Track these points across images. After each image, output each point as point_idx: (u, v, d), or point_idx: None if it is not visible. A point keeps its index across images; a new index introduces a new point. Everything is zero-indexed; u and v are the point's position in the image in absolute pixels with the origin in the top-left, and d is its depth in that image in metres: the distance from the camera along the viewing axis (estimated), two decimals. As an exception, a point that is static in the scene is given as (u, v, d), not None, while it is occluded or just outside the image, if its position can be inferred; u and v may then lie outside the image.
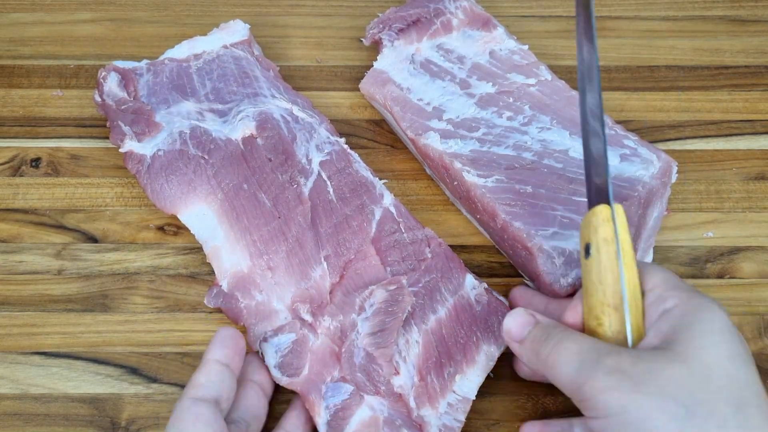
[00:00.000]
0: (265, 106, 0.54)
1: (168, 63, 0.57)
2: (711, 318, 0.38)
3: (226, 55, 0.58)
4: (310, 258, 0.49)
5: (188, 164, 0.52)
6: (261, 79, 0.57)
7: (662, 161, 0.50)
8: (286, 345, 0.46)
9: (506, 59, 0.57)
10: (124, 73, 0.56)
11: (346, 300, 0.47)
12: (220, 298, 0.49)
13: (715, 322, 0.38)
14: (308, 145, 0.53)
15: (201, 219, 0.51)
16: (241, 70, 0.57)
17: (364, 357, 0.45)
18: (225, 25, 0.59)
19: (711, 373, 0.36)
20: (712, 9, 0.65)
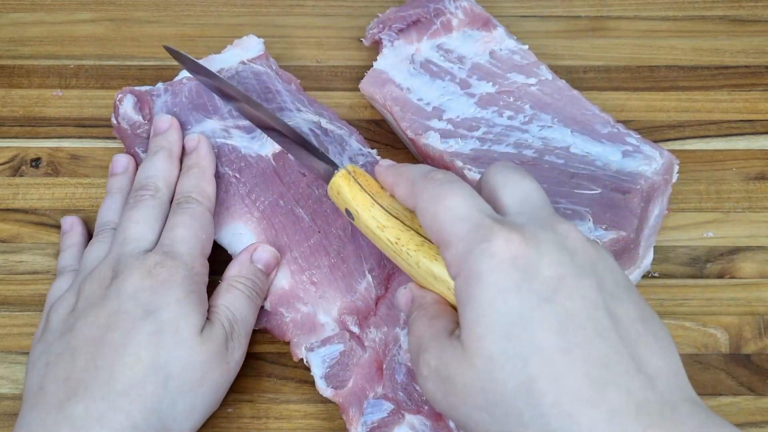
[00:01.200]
0: (292, 121, 0.53)
1: (186, 82, 0.55)
2: (481, 290, 0.33)
3: (246, 71, 0.56)
4: (354, 271, 0.48)
5: (219, 185, 0.51)
6: (284, 93, 0.55)
7: (665, 158, 0.50)
8: (334, 356, 0.46)
9: (506, 59, 0.57)
10: (139, 96, 0.54)
11: (390, 313, 0.47)
12: (264, 318, 0.48)
13: (485, 295, 0.33)
14: (341, 158, 0.52)
15: (238, 238, 0.50)
16: (263, 86, 0.56)
17: (406, 374, 0.44)
18: (239, 41, 0.58)
19: (493, 365, 0.33)
20: (712, 9, 0.65)
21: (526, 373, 0.32)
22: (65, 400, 0.40)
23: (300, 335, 0.47)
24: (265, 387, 0.48)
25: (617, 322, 0.33)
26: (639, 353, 0.33)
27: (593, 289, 0.34)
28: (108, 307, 0.42)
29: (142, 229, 0.46)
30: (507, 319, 0.33)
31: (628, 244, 0.47)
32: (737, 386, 0.48)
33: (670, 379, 0.33)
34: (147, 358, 0.41)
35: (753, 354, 0.49)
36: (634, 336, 0.33)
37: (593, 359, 0.32)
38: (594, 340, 0.32)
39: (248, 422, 0.47)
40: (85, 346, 0.41)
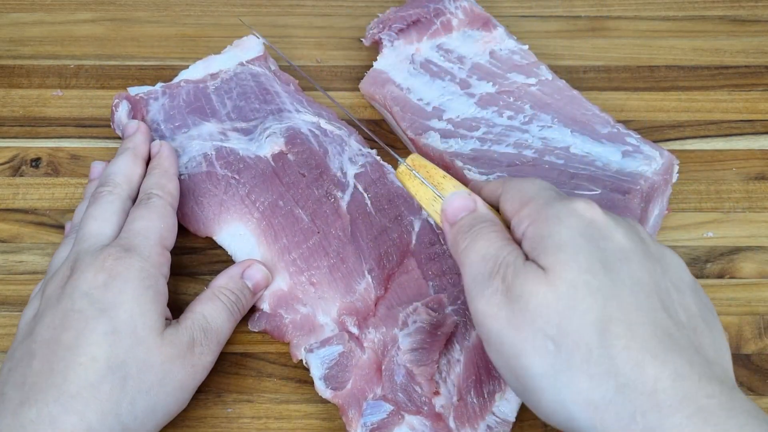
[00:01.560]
0: (291, 122, 0.53)
1: (184, 85, 0.56)
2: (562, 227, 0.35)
3: (244, 73, 0.56)
4: (353, 272, 0.48)
5: (218, 185, 0.51)
6: (282, 94, 0.55)
7: (665, 158, 0.50)
8: (333, 357, 0.46)
9: (506, 59, 0.57)
10: (133, 103, 0.54)
11: (389, 314, 0.47)
12: (264, 320, 0.48)
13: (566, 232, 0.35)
14: (341, 158, 0.52)
15: (238, 239, 0.50)
16: (261, 87, 0.56)
17: (405, 375, 0.44)
18: (239, 41, 0.58)
19: (576, 293, 0.33)
20: (712, 9, 0.65)
21: (606, 311, 0.33)
22: (19, 405, 0.39)
23: (299, 336, 0.47)
24: (265, 387, 0.48)
25: (678, 309, 0.35)
26: (698, 339, 0.34)
27: (659, 273, 0.35)
28: (62, 307, 0.42)
29: (100, 224, 0.46)
30: (590, 257, 0.34)
31: (628, 244, 0.47)
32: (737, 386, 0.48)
33: (724, 366, 0.34)
34: (103, 358, 0.40)
35: (753, 354, 0.49)
36: (692, 326, 0.35)
37: (660, 325, 0.33)
38: (659, 311, 0.34)
39: (248, 422, 0.47)
40: (41, 349, 0.41)
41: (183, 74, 0.57)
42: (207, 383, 0.47)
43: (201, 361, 0.44)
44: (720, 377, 0.33)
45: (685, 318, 0.35)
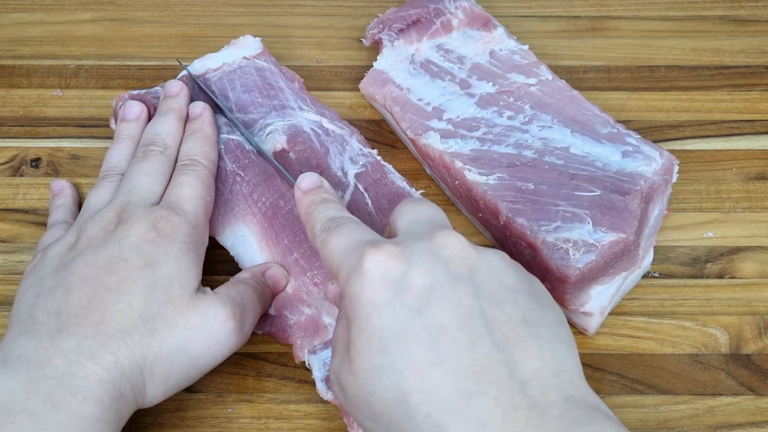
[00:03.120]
0: (293, 119, 0.53)
1: (185, 81, 0.56)
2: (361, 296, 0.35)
3: (248, 66, 0.56)
4: None
5: (225, 183, 0.51)
6: (286, 90, 0.55)
7: (664, 158, 0.50)
8: None
9: (506, 59, 0.57)
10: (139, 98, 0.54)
11: None
12: (269, 323, 0.48)
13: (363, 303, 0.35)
14: (342, 158, 0.52)
15: (240, 241, 0.50)
16: (265, 81, 0.55)
17: None
18: (236, 41, 0.58)
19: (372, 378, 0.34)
20: (712, 9, 0.65)
21: (401, 387, 0.33)
22: (56, 332, 0.40)
23: (303, 338, 0.47)
24: (265, 387, 0.48)
25: (494, 327, 0.34)
26: (515, 358, 0.33)
27: (468, 296, 0.34)
28: (108, 251, 0.43)
29: (151, 181, 0.47)
30: (382, 335, 0.34)
31: (627, 245, 0.47)
32: (737, 386, 0.48)
33: (547, 381, 0.33)
34: (138, 308, 0.42)
35: (753, 354, 0.49)
36: (513, 340, 0.33)
37: (463, 370, 0.32)
38: (465, 350, 0.33)
39: (248, 422, 0.47)
40: (79, 284, 0.42)
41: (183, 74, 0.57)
42: (207, 383, 0.48)
43: (226, 341, 0.44)
44: (534, 398, 0.32)
45: (504, 333, 0.34)
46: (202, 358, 0.43)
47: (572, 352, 0.35)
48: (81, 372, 0.40)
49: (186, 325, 0.43)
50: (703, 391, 0.48)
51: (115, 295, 0.42)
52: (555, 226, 0.47)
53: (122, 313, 0.41)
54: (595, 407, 0.32)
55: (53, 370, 0.39)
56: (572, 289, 0.47)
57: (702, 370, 0.48)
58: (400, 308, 0.34)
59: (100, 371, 0.40)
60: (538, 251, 0.47)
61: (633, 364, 0.48)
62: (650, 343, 0.49)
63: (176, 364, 0.42)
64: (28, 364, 0.39)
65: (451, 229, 0.37)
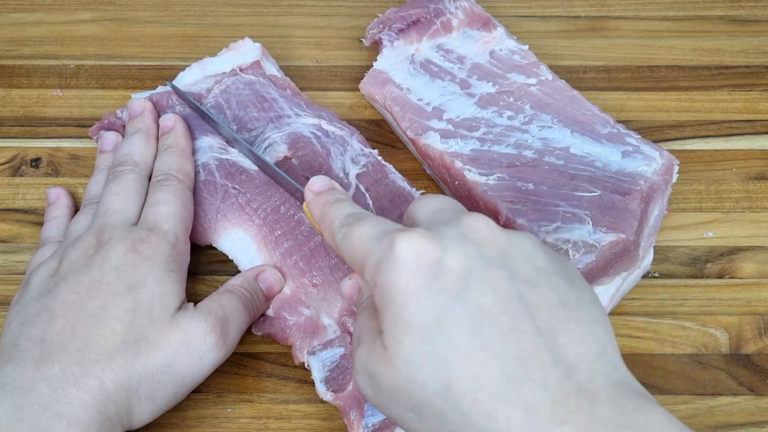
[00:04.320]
0: (290, 127, 0.53)
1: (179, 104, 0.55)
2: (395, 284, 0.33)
3: (238, 82, 0.56)
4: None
5: (215, 194, 0.51)
6: (279, 99, 0.55)
7: (665, 158, 0.50)
8: (334, 359, 0.46)
9: (506, 59, 0.57)
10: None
11: None
12: (267, 324, 0.48)
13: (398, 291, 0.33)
14: (343, 159, 0.52)
15: (238, 245, 0.50)
16: (257, 95, 0.55)
17: None
18: (234, 45, 0.58)
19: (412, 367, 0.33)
20: (712, 9, 0.65)
21: (445, 374, 0.32)
22: (41, 359, 0.41)
23: (303, 339, 0.47)
24: (265, 387, 0.48)
25: (534, 311, 0.33)
26: (558, 342, 0.32)
27: (504, 280, 0.33)
28: (90, 276, 0.43)
29: (123, 200, 0.47)
30: (421, 321, 0.33)
31: (627, 245, 0.47)
32: (737, 386, 0.48)
33: (592, 365, 0.32)
34: (121, 333, 0.42)
35: (753, 354, 0.49)
36: (554, 324, 0.33)
37: (508, 355, 0.32)
38: (508, 334, 0.32)
39: (248, 422, 0.47)
40: (62, 310, 0.42)
41: (180, 77, 0.57)
42: (207, 383, 0.47)
43: (209, 356, 0.44)
44: (581, 383, 0.32)
45: (544, 317, 0.33)
46: (187, 374, 0.43)
47: (610, 333, 0.34)
48: (65, 398, 0.40)
49: (169, 344, 0.43)
50: (703, 391, 0.48)
51: (98, 320, 0.42)
52: (555, 227, 0.47)
53: (105, 337, 0.42)
54: (640, 392, 0.32)
55: (38, 397, 0.39)
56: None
57: (702, 370, 0.48)
58: (438, 293, 0.33)
59: (85, 396, 0.40)
60: (538, 251, 0.47)
61: (633, 364, 0.48)
62: (650, 343, 0.49)
63: (161, 383, 0.43)
64: (13, 392, 0.39)
65: (477, 213, 0.36)
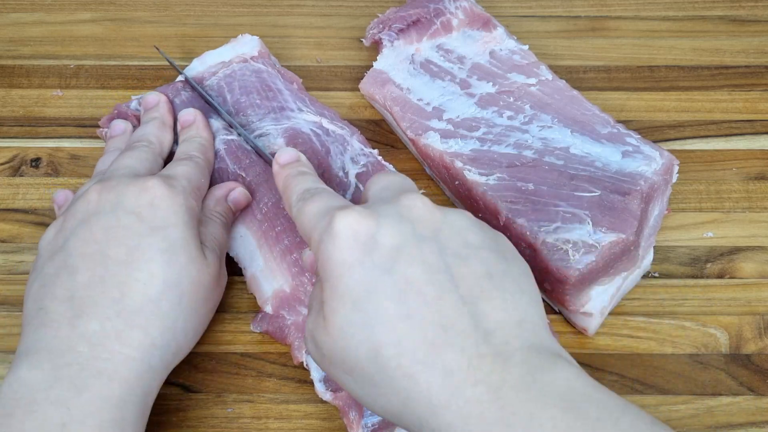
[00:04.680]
0: (290, 122, 0.53)
1: (181, 86, 0.55)
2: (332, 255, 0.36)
3: (245, 69, 0.56)
4: None
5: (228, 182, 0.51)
6: (285, 92, 0.55)
7: (665, 158, 0.50)
8: None
9: (506, 59, 0.57)
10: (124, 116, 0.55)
11: None
12: (266, 322, 0.48)
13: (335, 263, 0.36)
14: (343, 158, 0.52)
15: (239, 242, 0.50)
16: (264, 83, 0.55)
17: None
18: (235, 40, 0.58)
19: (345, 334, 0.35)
20: (712, 9, 0.65)
21: (373, 341, 0.34)
22: (74, 318, 0.40)
23: (301, 338, 0.47)
24: (265, 387, 0.48)
25: (459, 282, 0.35)
26: (479, 310, 0.34)
27: (434, 254, 0.35)
28: (103, 223, 0.42)
29: (134, 162, 0.47)
30: (354, 292, 0.35)
31: (627, 245, 0.47)
32: (737, 386, 0.48)
33: (509, 330, 0.34)
34: (160, 275, 0.42)
35: (753, 354, 0.49)
36: (477, 293, 0.35)
37: (430, 322, 0.34)
38: (432, 303, 0.34)
39: (248, 422, 0.47)
40: (83, 263, 0.41)
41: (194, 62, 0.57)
42: (207, 383, 0.48)
43: (222, 282, 0.47)
44: (497, 346, 0.33)
45: (468, 287, 0.35)
46: (216, 302, 0.47)
47: (535, 303, 0.36)
48: (106, 354, 0.39)
49: (209, 279, 0.44)
50: (703, 391, 0.48)
51: (130, 265, 0.41)
52: (555, 227, 0.47)
53: (143, 282, 0.41)
54: (557, 353, 0.34)
55: (77, 356, 0.39)
56: (572, 290, 0.47)
57: (702, 370, 0.48)
58: (371, 267, 0.35)
59: (128, 350, 0.40)
60: (538, 252, 0.47)
61: (633, 364, 0.48)
62: (650, 343, 0.49)
63: (204, 315, 0.45)
64: (50, 354, 0.39)
65: (416, 192, 0.38)
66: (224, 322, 0.50)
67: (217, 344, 0.49)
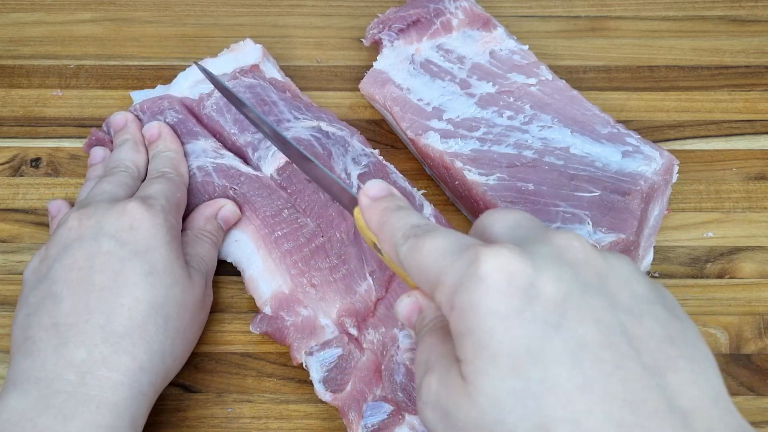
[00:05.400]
0: (290, 132, 0.52)
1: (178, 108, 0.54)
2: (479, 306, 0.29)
3: (238, 86, 0.55)
4: (354, 273, 0.48)
5: (213, 194, 0.51)
6: (279, 103, 0.55)
7: (665, 158, 0.50)
8: (332, 360, 0.46)
9: (506, 59, 0.57)
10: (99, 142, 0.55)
11: (388, 314, 0.47)
12: (265, 323, 0.48)
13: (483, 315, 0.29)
14: (345, 159, 0.52)
15: (235, 246, 0.50)
16: (258, 98, 0.55)
17: (405, 375, 0.44)
18: (235, 46, 0.58)
19: (501, 405, 0.28)
20: (712, 9, 0.65)
21: (541, 416, 0.28)
22: (60, 345, 0.40)
23: (300, 339, 0.47)
24: (265, 387, 0.48)
25: (640, 347, 0.29)
26: (669, 384, 0.28)
27: (605, 309, 0.29)
28: (85, 249, 0.42)
29: (112, 188, 0.47)
30: (512, 352, 0.29)
31: (627, 245, 0.47)
32: (737, 386, 0.48)
33: (709, 411, 0.28)
34: (145, 299, 0.41)
35: (753, 354, 0.49)
36: (662, 362, 0.29)
37: (615, 397, 0.28)
38: (614, 373, 0.28)
39: (248, 422, 0.47)
40: (68, 290, 0.41)
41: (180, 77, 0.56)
42: (207, 383, 0.48)
43: (207, 303, 0.47)
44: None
45: (650, 353, 0.29)
46: (202, 322, 0.46)
47: (718, 372, 0.30)
48: (94, 381, 0.39)
49: (194, 300, 0.44)
50: (703, 391, 0.47)
51: (114, 290, 0.41)
52: (555, 227, 0.47)
53: (128, 308, 0.41)
54: None
55: (64, 384, 0.39)
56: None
57: (702, 370, 0.48)
58: (533, 321, 0.29)
59: (116, 376, 0.39)
60: (538, 251, 0.47)
61: (633, 364, 0.48)
62: (650, 343, 0.49)
63: (190, 336, 0.44)
64: (38, 383, 0.39)
65: (568, 231, 0.32)
66: (224, 322, 0.50)
67: (217, 344, 0.49)
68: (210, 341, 0.49)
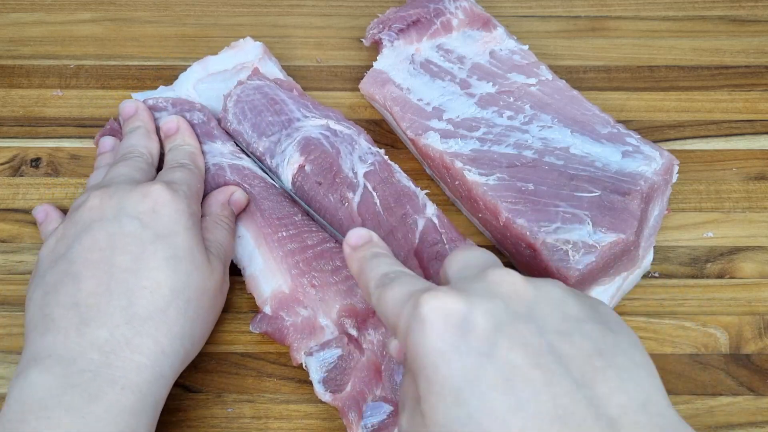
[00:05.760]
0: (300, 132, 0.53)
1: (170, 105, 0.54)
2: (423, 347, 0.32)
3: (246, 89, 0.55)
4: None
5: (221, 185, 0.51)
6: (288, 101, 0.55)
7: (665, 158, 0.50)
8: (331, 360, 0.46)
9: (506, 59, 0.57)
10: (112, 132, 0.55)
11: None
12: (265, 322, 0.48)
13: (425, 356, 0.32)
14: (352, 157, 0.52)
15: (237, 242, 0.50)
16: (268, 98, 0.55)
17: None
18: (236, 44, 0.58)
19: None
20: (712, 9, 0.65)
21: None
22: (82, 325, 0.40)
23: (300, 339, 0.47)
24: (266, 387, 0.48)
25: (569, 363, 0.31)
26: (597, 394, 0.30)
27: (533, 333, 0.32)
28: (107, 229, 0.42)
29: (130, 171, 0.47)
30: (453, 383, 0.31)
31: (627, 246, 0.47)
32: (737, 386, 0.48)
33: (636, 416, 0.30)
34: (166, 283, 0.42)
35: (753, 354, 0.49)
36: (590, 374, 0.31)
37: (546, 413, 0.30)
38: (544, 390, 0.30)
39: (248, 422, 0.47)
40: (88, 270, 0.41)
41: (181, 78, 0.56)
42: (207, 383, 0.48)
43: (226, 288, 0.48)
44: None
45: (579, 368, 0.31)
46: (220, 308, 0.47)
47: (654, 377, 0.32)
48: (118, 362, 0.39)
49: (214, 285, 0.44)
50: (703, 391, 0.48)
51: (135, 273, 0.41)
52: (555, 227, 0.47)
53: (150, 291, 0.41)
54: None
55: (88, 363, 0.39)
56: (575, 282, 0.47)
57: (702, 370, 0.48)
58: (467, 353, 0.31)
59: (139, 358, 0.40)
60: (538, 252, 0.47)
61: (633, 364, 0.48)
62: (650, 343, 0.49)
63: (209, 321, 0.45)
64: (61, 360, 0.39)
65: (502, 267, 0.35)
66: (224, 322, 0.50)
67: (217, 344, 0.49)
68: (210, 341, 0.49)
